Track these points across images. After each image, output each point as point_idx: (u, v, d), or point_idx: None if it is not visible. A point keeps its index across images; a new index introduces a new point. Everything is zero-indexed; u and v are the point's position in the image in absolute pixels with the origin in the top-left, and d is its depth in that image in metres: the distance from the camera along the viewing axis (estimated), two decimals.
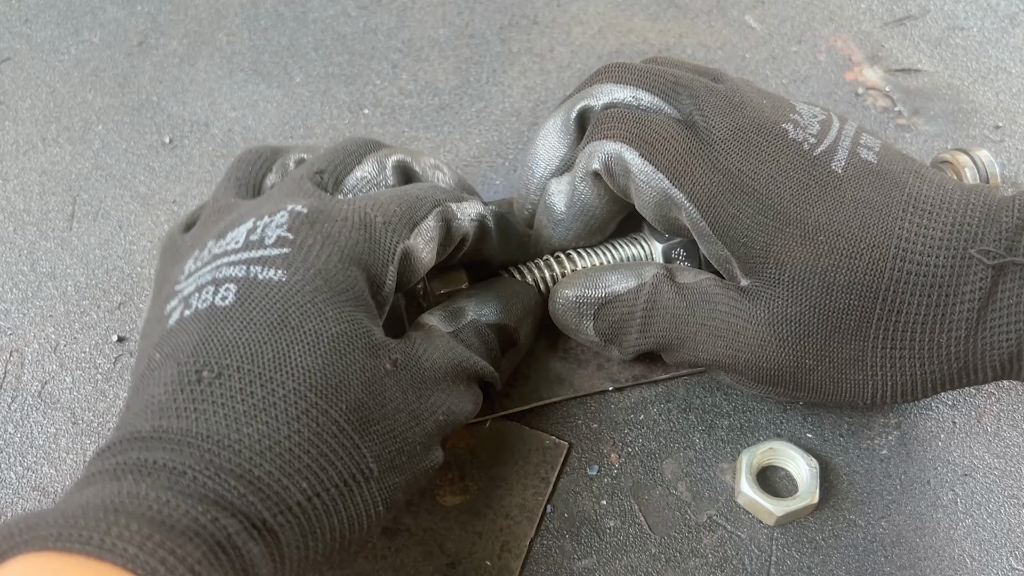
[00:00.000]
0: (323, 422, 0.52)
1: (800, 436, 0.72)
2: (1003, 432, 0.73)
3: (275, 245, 0.58)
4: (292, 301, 0.56)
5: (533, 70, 1.06)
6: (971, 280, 0.61)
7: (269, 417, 0.51)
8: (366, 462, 0.54)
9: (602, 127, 0.70)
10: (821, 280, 0.63)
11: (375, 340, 0.58)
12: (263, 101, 1.03)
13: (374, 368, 0.56)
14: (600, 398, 0.75)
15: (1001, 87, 1.03)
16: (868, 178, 0.65)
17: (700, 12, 1.14)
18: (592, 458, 0.72)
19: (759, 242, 0.64)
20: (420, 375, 0.60)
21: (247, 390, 0.52)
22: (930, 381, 0.64)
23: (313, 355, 0.54)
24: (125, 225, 0.90)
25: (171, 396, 0.52)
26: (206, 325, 0.55)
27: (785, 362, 0.66)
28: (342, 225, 0.60)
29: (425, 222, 0.64)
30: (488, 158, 0.96)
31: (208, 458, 0.49)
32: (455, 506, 0.69)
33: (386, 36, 1.11)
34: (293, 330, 0.54)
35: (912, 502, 0.69)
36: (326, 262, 0.58)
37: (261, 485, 0.49)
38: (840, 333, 0.64)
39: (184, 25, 1.13)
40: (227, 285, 0.56)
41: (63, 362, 0.79)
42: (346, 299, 0.57)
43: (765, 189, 0.64)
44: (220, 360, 0.53)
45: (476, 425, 0.73)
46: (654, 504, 0.69)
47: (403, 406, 0.57)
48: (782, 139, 0.66)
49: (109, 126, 1.00)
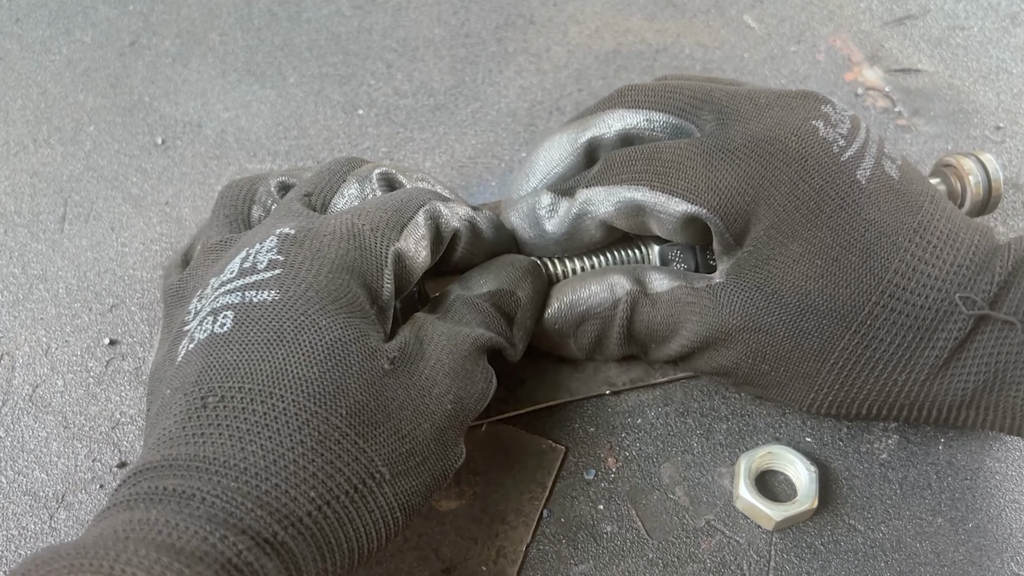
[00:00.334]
0: (325, 429, 0.52)
1: (799, 440, 0.72)
2: (1004, 435, 0.73)
3: (267, 268, 0.59)
4: (286, 317, 0.56)
5: (529, 70, 1.06)
6: (949, 328, 0.63)
7: (272, 432, 0.51)
8: (375, 466, 0.54)
9: (609, 171, 0.70)
10: (802, 301, 0.64)
11: (371, 343, 0.58)
12: (256, 102, 1.03)
13: (372, 370, 0.56)
14: (597, 402, 0.75)
15: (1002, 87, 1.03)
16: (887, 196, 0.65)
17: (698, 11, 1.14)
18: (589, 462, 0.72)
19: (763, 253, 0.65)
20: (419, 367, 0.60)
21: (249, 408, 0.52)
22: (872, 409, 0.67)
23: (310, 365, 0.54)
24: (117, 227, 0.90)
25: (180, 426, 0.52)
26: (207, 353, 0.55)
27: (743, 363, 0.68)
28: (330, 239, 0.61)
29: (413, 222, 0.64)
30: (484, 159, 0.96)
31: (216, 479, 0.49)
32: (450, 511, 0.69)
33: (381, 36, 1.11)
34: (289, 344, 0.55)
35: (912, 507, 0.69)
36: (316, 275, 0.59)
37: (269, 499, 0.49)
38: (802, 351, 0.65)
39: (177, 25, 1.13)
40: (225, 313, 0.57)
41: (54, 365, 0.79)
42: (339, 307, 0.58)
43: (784, 198, 0.65)
44: (223, 384, 0.53)
45: (472, 429, 0.73)
46: (651, 509, 0.69)
47: (408, 403, 0.57)
48: (811, 137, 0.66)
49: (101, 127, 1.00)
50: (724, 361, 0.68)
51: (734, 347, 0.67)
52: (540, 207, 0.72)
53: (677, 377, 0.76)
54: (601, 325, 0.71)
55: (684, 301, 0.68)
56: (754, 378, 0.69)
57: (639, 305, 0.70)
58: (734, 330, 0.66)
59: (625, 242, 0.76)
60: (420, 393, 0.58)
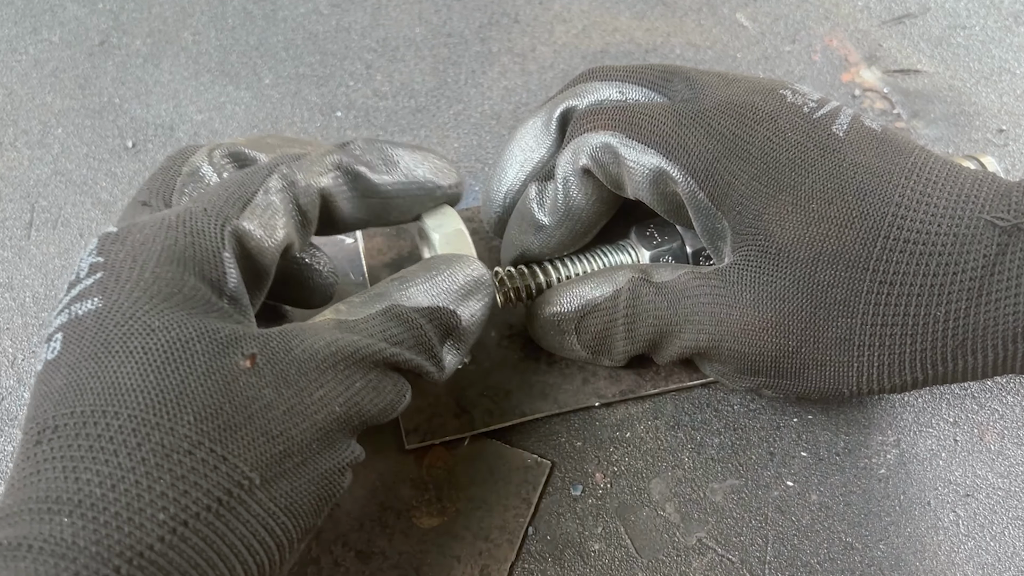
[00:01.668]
0: (171, 441, 0.49)
1: (794, 454, 0.72)
2: (1007, 450, 0.73)
3: (88, 274, 0.55)
4: (111, 323, 0.52)
5: (514, 71, 1.06)
6: (975, 248, 0.59)
7: (107, 455, 0.48)
8: (241, 471, 0.50)
9: (585, 121, 0.69)
10: (808, 251, 0.62)
11: (221, 338, 0.53)
12: (231, 103, 1.03)
13: (223, 368, 0.53)
14: (584, 414, 0.75)
15: (1005, 89, 1.03)
16: (871, 143, 0.64)
17: (689, 10, 1.14)
18: (576, 478, 0.71)
19: (751, 210, 0.63)
20: (293, 367, 0.55)
21: (82, 434, 0.48)
22: (921, 364, 0.63)
23: (143, 374, 0.50)
24: (86, 233, 0.90)
25: (17, 469, 0.49)
26: (40, 384, 0.52)
27: (767, 347, 0.65)
28: (155, 230, 0.57)
29: (258, 196, 0.60)
30: (467, 163, 0.96)
31: (47, 519, 0.46)
32: (432, 528, 0.69)
33: (360, 35, 1.11)
34: (117, 354, 0.51)
35: (912, 524, 0.69)
36: (140, 272, 0.54)
37: (108, 531, 0.45)
38: (825, 310, 0.62)
39: (148, 24, 1.13)
40: (55, 336, 0.53)
41: (20, 377, 0.79)
42: (173, 305, 0.54)
43: (760, 152, 0.64)
44: (55, 415, 0.49)
45: (454, 443, 0.73)
46: (641, 526, 0.69)
47: (276, 403, 0.53)
48: (780, 102, 0.66)
49: (69, 129, 1.00)
50: (747, 349, 0.65)
51: (754, 328, 0.65)
52: (529, 201, 0.72)
53: (668, 389, 0.76)
54: (604, 319, 0.70)
55: (691, 286, 0.67)
56: (784, 364, 0.65)
57: (643, 294, 0.68)
58: (749, 306, 0.64)
59: (615, 247, 0.76)
60: (295, 394, 0.54)
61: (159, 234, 0.56)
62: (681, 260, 0.74)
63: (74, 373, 0.51)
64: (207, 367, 0.52)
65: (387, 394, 0.60)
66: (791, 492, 0.71)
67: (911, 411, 0.75)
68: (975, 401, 0.76)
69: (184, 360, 0.51)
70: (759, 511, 0.70)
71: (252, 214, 0.59)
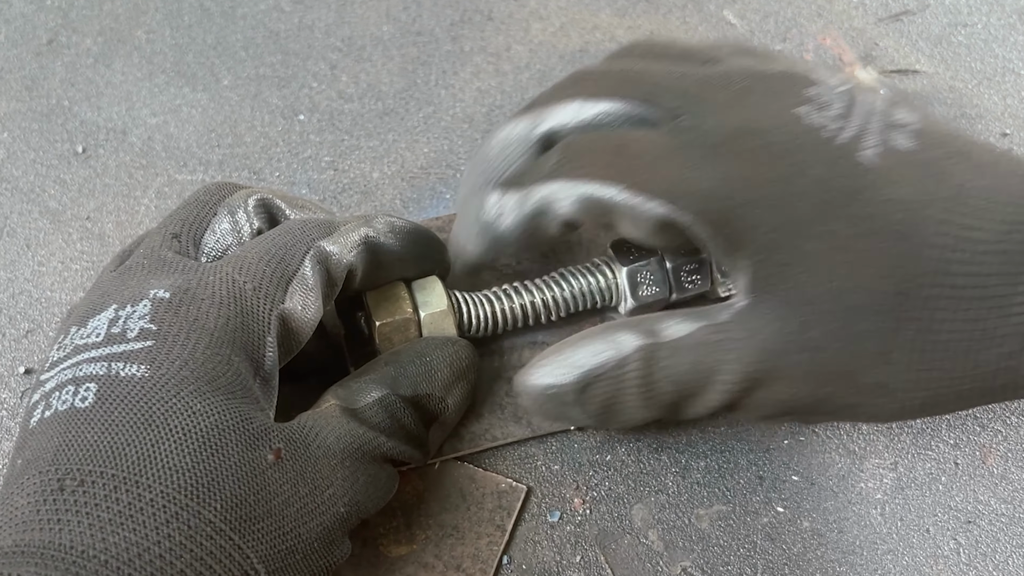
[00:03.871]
0: (196, 524, 0.52)
1: (785, 478, 0.72)
2: (1010, 474, 0.73)
3: (138, 338, 0.58)
4: (156, 397, 0.55)
5: (487, 71, 1.06)
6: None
7: (136, 524, 0.51)
8: (250, 563, 0.54)
9: (571, 164, 0.67)
10: (842, 303, 0.60)
11: (254, 429, 0.57)
12: (187, 106, 1.03)
13: (253, 461, 0.56)
14: (562, 436, 0.75)
15: (1009, 90, 1.03)
16: (904, 171, 0.62)
17: (673, 7, 1.14)
18: (553, 503, 0.71)
19: (775, 260, 0.62)
20: (310, 464, 0.59)
21: (112, 496, 0.51)
22: (967, 402, 0.64)
23: (181, 453, 0.54)
24: (33, 244, 0.90)
25: (34, 508, 0.51)
26: (66, 429, 0.54)
27: (799, 393, 0.63)
28: (209, 304, 0.60)
29: (299, 274, 0.63)
30: (437, 169, 0.96)
31: (74, 571, 0.48)
32: (400, 557, 0.69)
33: (324, 34, 1.10)
34: (158, 428, 0.54)
35: (910, 552, 0.69)
36: (192, 350, 0.58)
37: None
38: (862, 359, 0.61)
39: (99, 21, 1.12)
40: (87, 385, 0.56)
41: None
42: (218, 388, 0.57)
43: (781, 195, 0.62)
44: (82, 467, 0.52)
45: (424, 468, 0.72)
46: (622, 555, 0.69)
47: (293, 500, 0.57)
48: (796, 127, 0.64)
49: (15, 134, 1.00)
50: (781, 396, 0.63)
51: (786, 377, 0.62)
52: (490, 207, 0.71)
53: None
54: (610, 388, 0.66)
55: (712, 341, 0.63)
56: (820, 406, 0.64)
57: (657, 358, 0.65)
58: (779, 355, 0.62)
59: (588, 267, 0.75)
60: (310, 492, 0.58)
61: (212, 311, 0.60)
62: (659, 276, 0.73)
63: (109, 434, 0.54)
64: (239, 457, 0.55)
65: (382, 488, 0.64)
66: (781, 518, 0.71)
67: (909, 432, 0.75)
68: (977, 422, 0.76)
69: (220, 448, 0.55)
70: (747, 538, 0.70)
71: (294, 292, 0.63)
